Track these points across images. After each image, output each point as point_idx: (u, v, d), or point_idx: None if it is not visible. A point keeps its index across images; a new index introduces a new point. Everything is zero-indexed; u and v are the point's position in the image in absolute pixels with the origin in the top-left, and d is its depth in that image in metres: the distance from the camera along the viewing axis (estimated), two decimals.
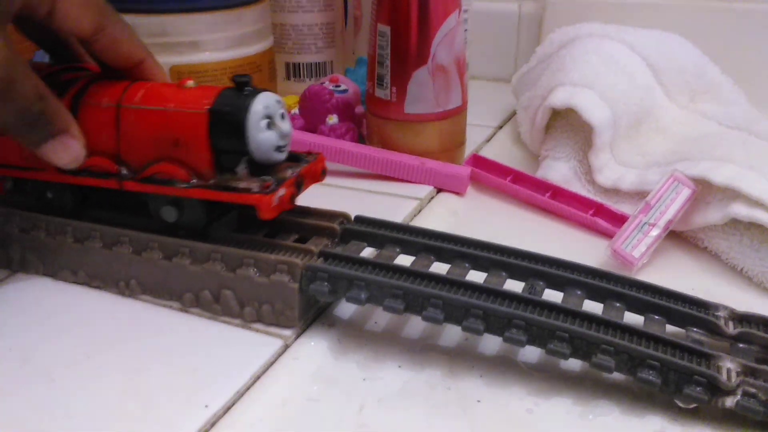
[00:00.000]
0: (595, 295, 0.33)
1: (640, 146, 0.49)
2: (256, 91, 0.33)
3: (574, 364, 0.32)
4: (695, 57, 0.54)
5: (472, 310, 0.31)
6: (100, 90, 0.36)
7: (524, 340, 0.30)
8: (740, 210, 0.38)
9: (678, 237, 0.42)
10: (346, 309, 0.36)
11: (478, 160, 0.51)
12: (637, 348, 0.29)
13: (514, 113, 0.61)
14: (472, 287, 0.32)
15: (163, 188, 0.34)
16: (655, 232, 0.40)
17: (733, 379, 0.29)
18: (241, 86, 0.33)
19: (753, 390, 0.28)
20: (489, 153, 0.54)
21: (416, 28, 0.47)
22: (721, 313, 0.33)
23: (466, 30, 0.58)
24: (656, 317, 0.33)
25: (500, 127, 0.62)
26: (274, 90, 0.56)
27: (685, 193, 0.41)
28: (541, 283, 0.34)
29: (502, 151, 0.56)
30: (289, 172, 0.34)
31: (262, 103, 0.33)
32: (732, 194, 0.39)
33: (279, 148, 0.34)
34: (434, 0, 0.47)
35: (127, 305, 0.36)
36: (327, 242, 0.36)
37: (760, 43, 0.61)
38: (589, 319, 0.31)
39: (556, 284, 0.34)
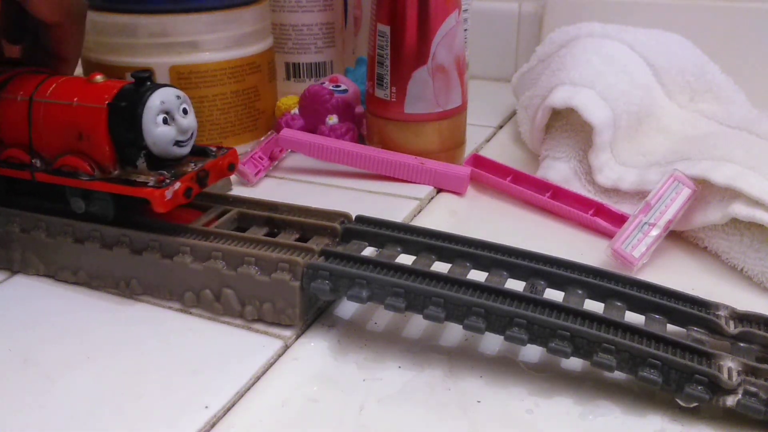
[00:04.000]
0: (596, 294, 0.33)
1: (640, 146, 0.49)
2: (155, 87, 0.35)
3: (574, 364, 0.32)
4: (695, 56, 0.54)
5: (473, 308, 0.31)
6: (18, 84, 0.38)
7: (525, 339, 0.30)
8: (740, 210, 0.38)
9: (678, 237, 0.42)
10: (346, 309, 0.36)
11: (478, 160, 0.51)
12: (638, 347, 0.29)
13: (514, 113, 0.61)
14: (474, 286, 0.32)
15: (69, 180, 0.36)
16: (655, 232, 0.40)
17: (734, 378, 0.29)
18: (141, 82, 0.35)
19: (754, 389, 0.28)
20: (489, 153, 0.54)
21: (416, 28, 0.47)
22: (721, 313, 0.33)
23: (466, 30, 0.58)
24: (657, 316, 0.33)
25: (500, 127, 0.62)
26: (273, 90, 0.56)
27: (685, 192, 0.41)
28: (543, 282, 0.34)
29: (502, 151, 0.56)
30: (191, 167, 0.36)
31: (159, 98, 0.35)
32: (732, 194, 0.39)
33: (179, 143, 0.36)
34: (434, 0, 0.47)
35: (128, 305, 0.36)
36: (328, 241, 0.36)
37: (760, 42, 0.61)
38: (591, 318, 0.31)
39: (557, 283, 0.34)
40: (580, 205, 0.46)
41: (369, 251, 0.36)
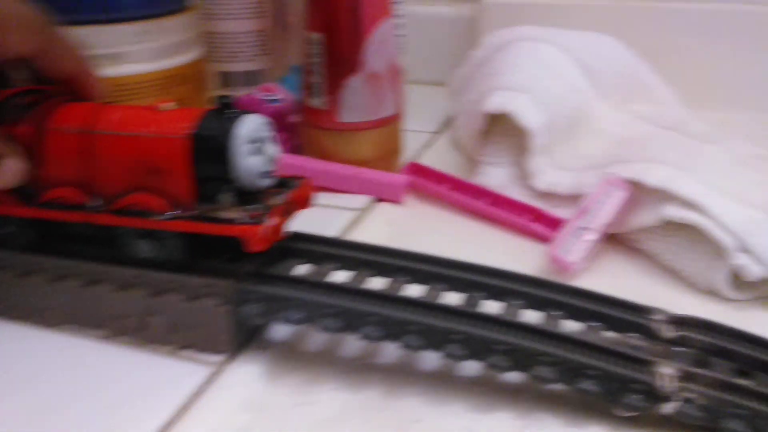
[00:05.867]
0: (536, 304, 0.33)
1: (576, 149, 0.49)
2: (241, 113, 0.31)
3: (514, 376, 0.31)
4: (627, 58, 0.55)
5: (409, 326, 0.30)
6: (62, 114, 0.33)
7: (463, 355, 0.30)
8: (673, 211, 0.38)
9: (616, 240, 0.43)
10: (280, 331, 0.35)
11: (416, 168, 0.51)
12: (575, 358, 0.29)
13: (452, 118, 0.61)
14: (411, 302, 0.31)
15: (138, 221, 0.32)
16: (591, 237, 0.40)
17: (672, 385, 0.28)
18: (224, 108, 0.31)
19: (691, 395, 0.28)
20: (428, 160, 0.54)
21: (348, 35, 0.46)
22: (658, 317, 0.33)
23: (400, 35, 0.57)
24: (595, 324, 0.32)
25: (439, 133, 0.61)
26: (203, 101, 0.54)
27: (620, 195, 0.41)
28: (482, 294, 0.33)
29: (441, 158, 0.55)
30: (276, 199, 0.32)
31: (247, 126, 0.31)
32: (665, 196, 0.39)
33: (265, 174, 0.32)
34: (365, 6, 0.46)
35: (45, 337, 0.34)
36: (260, 261, 0.35)
37: (689, 42, 0.62)
38: (528, 330, 0.30)
39: (496, 295, 0.33)
40: (519, 211, 0.45)
41: (305, 268, 0.35)
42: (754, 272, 0.36)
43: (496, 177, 0.48)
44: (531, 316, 0.32)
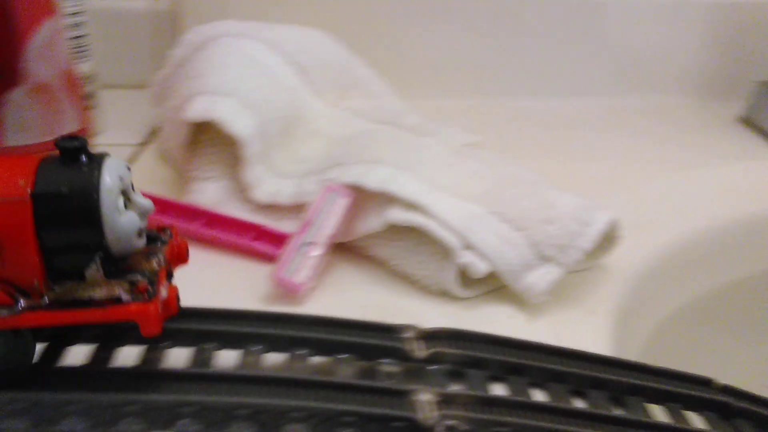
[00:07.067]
0: (278, 345, 0.29)
1: (295, 153, 0.45)
2: (99, 158, 0.24)
3: None
4: (339, 51, 0.52)
5: (125, 407, 0.24)
6: None
7: (200, 429, 0.24)
8: (396, 215, 0.36)
9: (346, 249, 0.40)
10: None
11: None
12: (327, 407, 0.25)
13: (159, 128, 0.54)
14: (124, 373, 0.26)
15: None
16: (317, 252, 0.36)
17: (433, 414, 0.26)
18: (73, 153, 0.23)
19: (452, 422, 0.26)
20: (133, 178, 0.46)
21: None
22: (407, 335, 0.30)
23: (78, 36, 0.48)
24: (343, 356, 0.29)
25: (145, 145, 0.54)
26: None
27: (342, 203, 0.38)
28: (212, 344, 0.28)
29: (148, 175, 0.48)
30: (153, 261, 0.25)
31: (114, 172, 0.24)
32: (387, 198, 0.37)
33: (142, 231, 0.25)
34: (19, 7, 0.37)
35: None
36: None
37: (399, 30, 0.62)
38: (272, 382, 0.26)
39: (230, 343, 0.28)
40: (239, 229, 0.40)
41: None
42: (480, 269, 0.35)
43: (210, 193, 0.42)
44: (274, 360, 0.28)
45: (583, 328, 0.36)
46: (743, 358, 0.49)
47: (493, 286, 0.37)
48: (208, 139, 0.44)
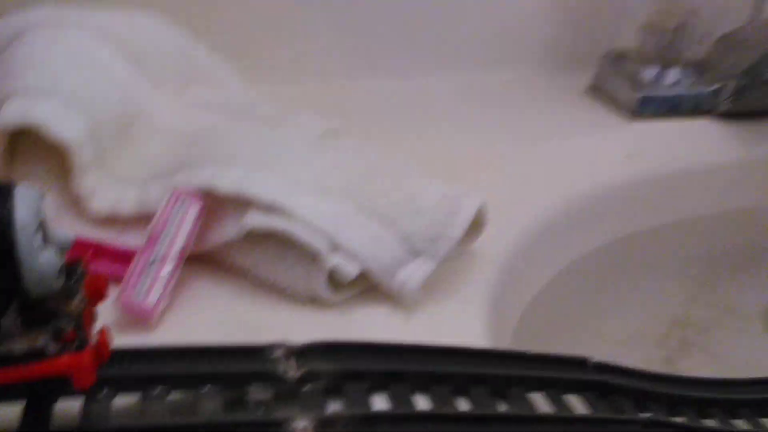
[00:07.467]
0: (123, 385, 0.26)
1: (136, 155, 0.40)
2: (6, 188, 0.21)
3: None
4: (178, 38, 0.48)
5: None
6: None
7: None
8: (255, 219, 0.33)
9: (203, 261, 0.36)
10: None
11: None
12: None
13: None
14: None
15: None
16: (168, 269, 0.32)
17: None
18: None
19: None
20: None
21: None
22: (277, 353, 0.28)
23: None
24: (207, 390, 0.26)
25: None
26: None
27: (194, 211, 0.34)
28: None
29: None
30: (74, 301, 0.22)
31: (29, 205, 0.21)
32: (244, 202, 0.34)
33: (62, 271, 0.22)
34: None
35: None
36: None
37: (242, 11, 0.58)
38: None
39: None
40: (75, 248, 0.35)
41: None
42: (350, 271, 0.33)
43: None
44: (120, 404, 0.25)
45: (461, 319, 0.35)
46: (611, 324, 0.51)
47: (366, 286, 0.35)
48: (28, 148, 0.38)
